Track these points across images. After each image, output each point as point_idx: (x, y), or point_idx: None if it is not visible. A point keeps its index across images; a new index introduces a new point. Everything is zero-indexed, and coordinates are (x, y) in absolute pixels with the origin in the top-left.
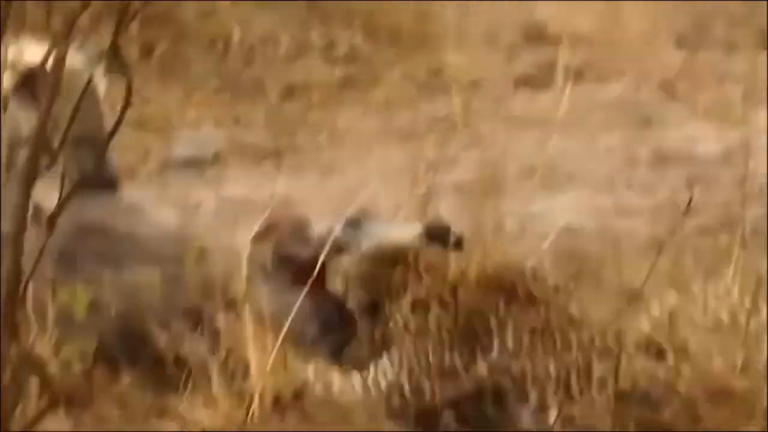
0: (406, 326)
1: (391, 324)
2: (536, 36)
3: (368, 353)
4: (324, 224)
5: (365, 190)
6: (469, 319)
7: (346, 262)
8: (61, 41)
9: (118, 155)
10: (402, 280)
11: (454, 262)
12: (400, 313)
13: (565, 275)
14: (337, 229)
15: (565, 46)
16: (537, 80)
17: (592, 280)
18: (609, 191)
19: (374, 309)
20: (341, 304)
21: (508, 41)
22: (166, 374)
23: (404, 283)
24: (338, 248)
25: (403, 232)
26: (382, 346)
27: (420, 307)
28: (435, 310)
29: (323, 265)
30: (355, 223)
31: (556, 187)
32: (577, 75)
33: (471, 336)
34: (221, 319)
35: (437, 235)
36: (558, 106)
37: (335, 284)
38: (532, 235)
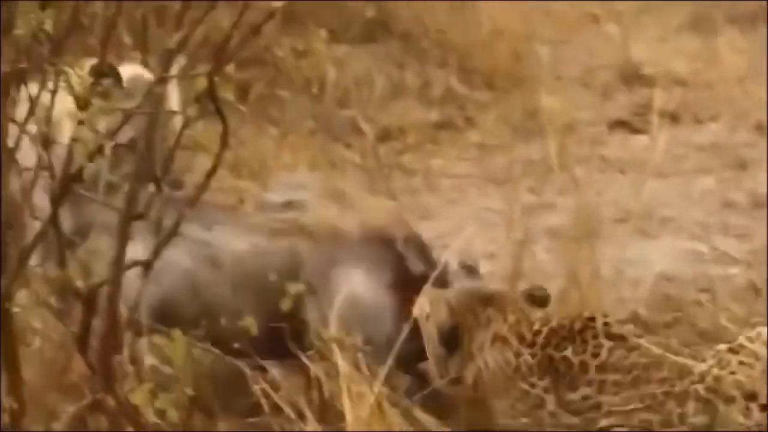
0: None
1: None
2: (632, 77)
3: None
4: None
5: (460, 233)
6: (550, 356)
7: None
8: (158, 83)
9: (213, 197)
10: (487, 316)
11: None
12: (479, 346)
13: (660, 321)
14: (452, 265)
15: (661, 88)
16: (632, 123)
17: (687, 326)
18: (705, 236)
19: (454, 338)
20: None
21: (603, 83)
22: (262, 422)
23: (488, 319)
24: (443, 282)
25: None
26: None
27: (499, 341)
28: (514, 344)
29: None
30: (468, 269)
31: (651, 232)
32: (673, 117)
33: (552, 372)
34: (317, 365)
35: (532, 298)
36: (653, 149)
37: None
38: (627, 281)
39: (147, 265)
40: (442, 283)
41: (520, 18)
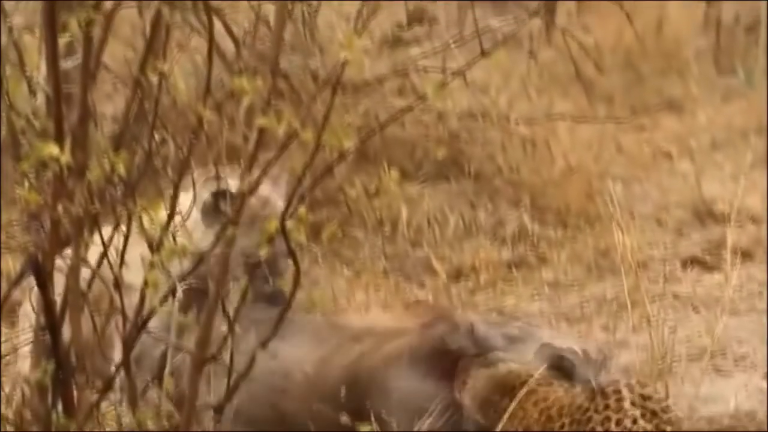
0: None
1: None
2: (704, 215)
3: None
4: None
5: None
6: None
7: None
8: (230, 223)
9: None
10: (505, 409)
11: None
12: None
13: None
14: (497, 337)
15: (734, 225)
16: (705, 260)
17: None
18: None
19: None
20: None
21: (677, 220)
22: None
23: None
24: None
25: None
26: None
27: None
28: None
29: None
30: (513, 338)
31: (725, 370)
32: (746, 254)
33: None
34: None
35: (563, 367)
36: (727, 286)
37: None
38: (702, 419)
39: (219, 410)
40: (487, 363)
41: (592, 156)
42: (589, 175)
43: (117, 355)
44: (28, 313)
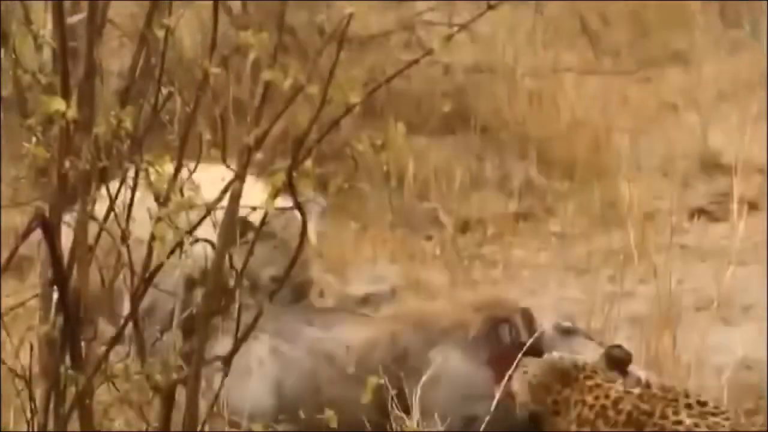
0: None
1: None
2: (711, 166)
3: None
4: None
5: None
6: None
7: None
8: (237, 178)
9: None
10: (566, 398)
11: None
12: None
13: (742, 408)
14: (548, 330)
15: (740, 176)
16: (712, 211)
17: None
18: None
19: (536, 422)
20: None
21: (683, 172)
22: None
23: (567, 402)
24: (538, 351)
25: (591, 352)
26: None
27: (586, 425)
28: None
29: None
30: (563, 331)
31: (732, 320)
32: (752, 205)
33: None
34: None
35: (618, 362)
36: (733, 236)
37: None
38: (708, 368)
39: (227, 361)
40: (537, 352)
41: (598, 108)
42: (595, 128)
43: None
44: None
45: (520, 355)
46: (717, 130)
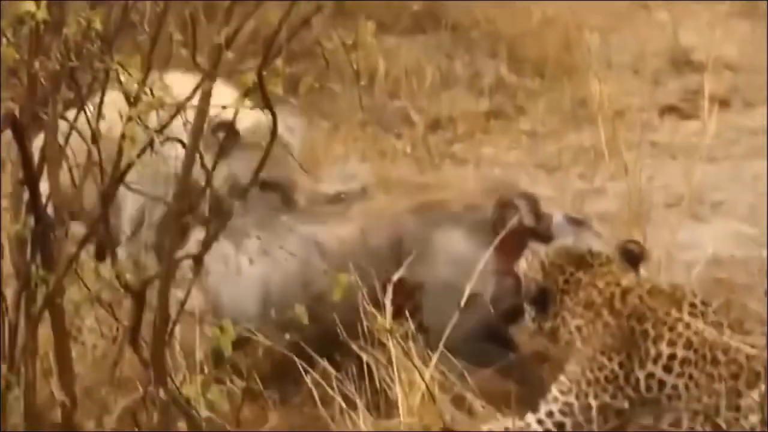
0: (578, 328)
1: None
2: (681, 63)
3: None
4: None
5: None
6: (632, 328)
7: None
8: (206, 78)
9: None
10: (578, 279)
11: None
12: (571, 312)
13: (713, 303)
14: (559, 219)
15: (711, 73)
16: (682, 108)
17: (738, 309)
18: (756, 219)
19: (545, 298)
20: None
21: (654, 69)
22: (313, 413)
23: (578, 282)
24: (547, 237)
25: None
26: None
27: (591, 309)
28: (604, 314)
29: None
30: (575, 222)
31: (702, 216)
32: (723, 102)
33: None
34: (368, 356)
35: (632, 257)
36: (704, 133)
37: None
38: (679, 264)
39: (197, 259)
40: (546, 238)
41: (569, 7)
42: (565, 26)
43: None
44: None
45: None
46: (688, 27)
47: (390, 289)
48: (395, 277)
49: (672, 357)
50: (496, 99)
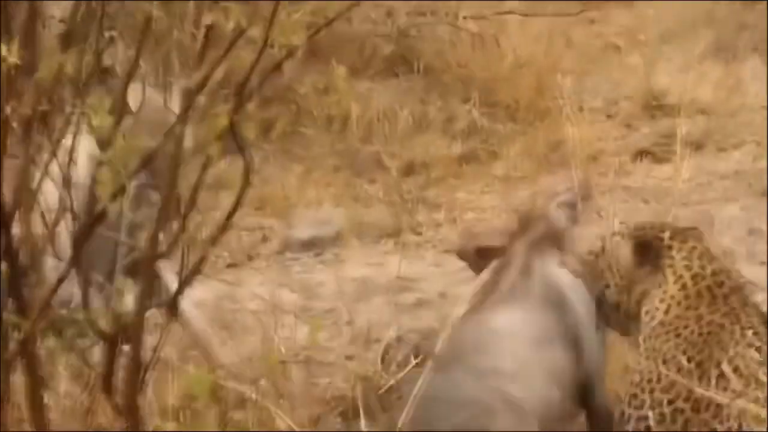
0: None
1: None
2: (655, 107)
3: None
4: None
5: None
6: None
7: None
8: (179, 123)
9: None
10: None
11: None
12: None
13: None
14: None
15: (684, 117)
16: (656, 152)
17: None
18: (732, 263)
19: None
20: None
21: (627, 113)
22: None
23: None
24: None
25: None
26: None
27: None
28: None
29: None
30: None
31: None
32: (696, 146)
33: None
34: None
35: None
36: (677, 178)
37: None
38: None
39: (171, 305)
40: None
41: (542, 50)
42: (539, 70)
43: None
44: None
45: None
46: (661, 70)
47: None
48: None
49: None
50: (469, 143)
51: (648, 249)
